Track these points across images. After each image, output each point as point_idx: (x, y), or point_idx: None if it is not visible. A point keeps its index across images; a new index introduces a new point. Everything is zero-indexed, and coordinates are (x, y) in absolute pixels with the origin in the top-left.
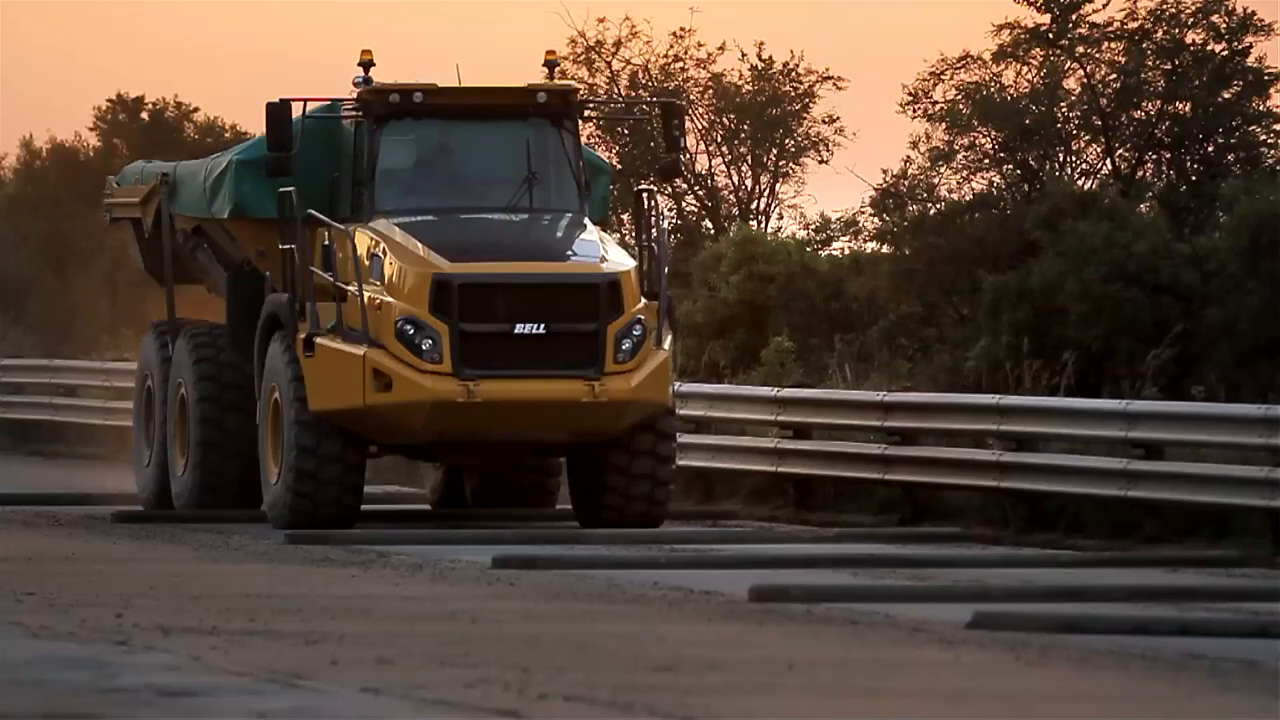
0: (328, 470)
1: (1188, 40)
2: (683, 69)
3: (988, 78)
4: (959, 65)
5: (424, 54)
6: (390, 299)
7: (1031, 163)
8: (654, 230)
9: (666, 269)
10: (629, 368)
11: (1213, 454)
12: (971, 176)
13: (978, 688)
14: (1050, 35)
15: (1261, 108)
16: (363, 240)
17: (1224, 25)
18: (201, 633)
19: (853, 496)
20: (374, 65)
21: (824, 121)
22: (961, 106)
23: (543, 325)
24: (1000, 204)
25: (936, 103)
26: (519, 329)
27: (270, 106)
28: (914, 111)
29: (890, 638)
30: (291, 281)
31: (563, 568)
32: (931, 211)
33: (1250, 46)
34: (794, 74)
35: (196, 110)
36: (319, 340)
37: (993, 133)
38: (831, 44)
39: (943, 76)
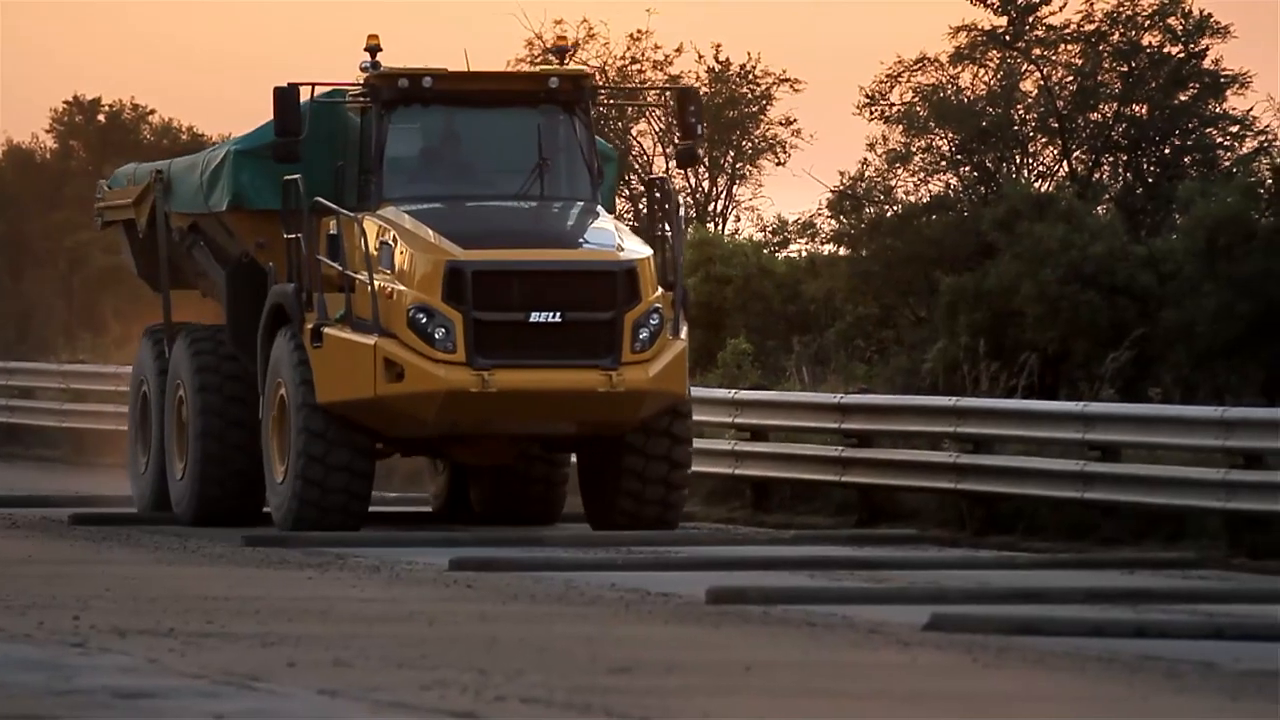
0: (336, 472)
1: (1144, 42)
2: (640, 71)
3: (945, 80)
4: (916, 67)
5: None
6: (402, 287)
7: (988, 165)
8: (669, 218)
9: (682, 258)
10: (646, 357)
11: (1169, 456)
12: (928, 178)
13: (934, 689)
14: (1007, 37)
15: (1218, 110)
16: (372, 228)
17: (1180, 28)
18: (158, 635)
19: (810, 498)
20: (381, 50)
21: (781, 123)
22: (919, 109)
23: (559, 314)
24: (957, 206)
25: (893, 105)
26: (534, 317)
27: (278, 91)
28: (871, 114)
29: (847, 639)
30: (297, 272)
31: (520, 569)
32: (888, 213)
33: (1207, 49)
34: (751, 76)
35: (153, 112)
36: (327, 330)
37: (950, 135)
38: (789, 46)
39: (900, 79)
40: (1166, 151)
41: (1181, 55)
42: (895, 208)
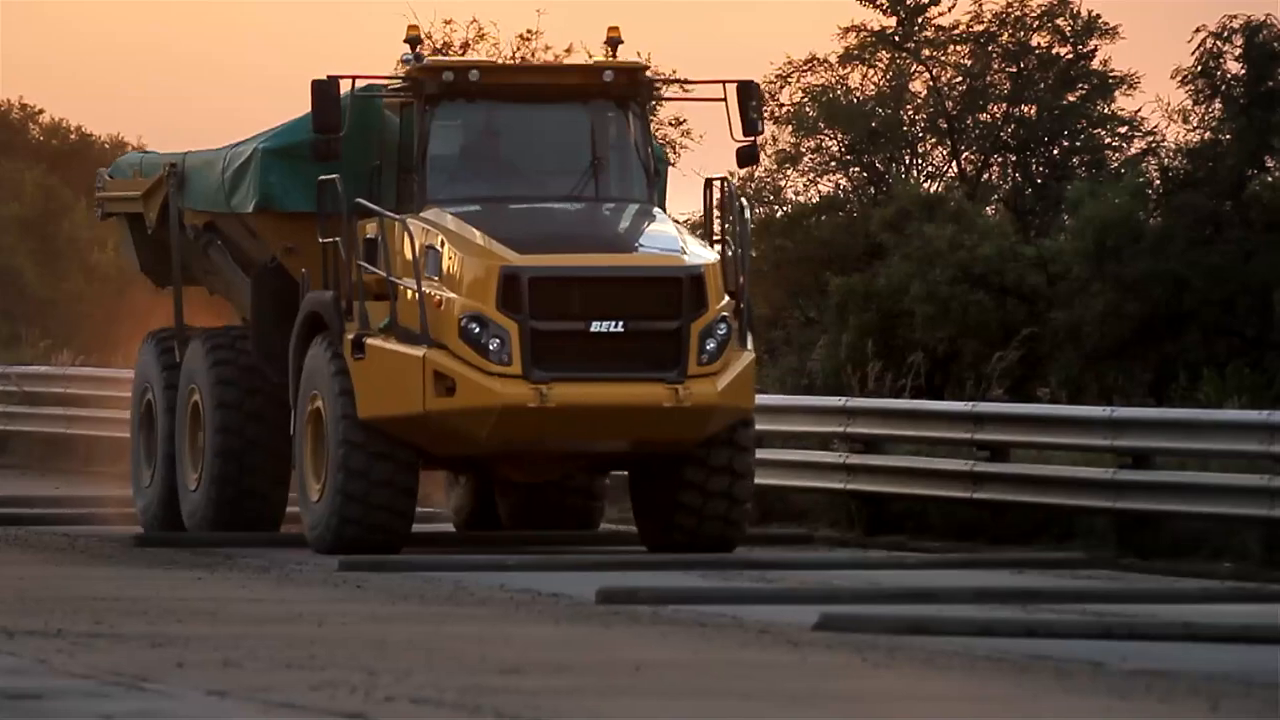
0: (379, 488)
1: (1033, 43)
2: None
3: (834, 80)
4: (805, 68)
5: (272, 54)
6: (451, 295)
7: (878, 165)
8: (731, 223)
9: (749, 264)
10: (713, 370)
11: (1058, 456)
12: (818, 179)
13: (824, 689)
14: (896, 38)
15: (1106, 110)
16: (418, 231)
17: (1069, 28)
18: (47, 635)
19: None
20: (422, 42)
21: (671, 124)
22: (808, 109)
23: (621, 323)
24: (847, 206)
25: (783, 105)
26: (595, 327)
27: (317, 84)
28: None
29: (737, 639)
30: (334, 279)
31: (410, 570)
32: (778, 214)
33: (1095, 49)
34: None
35: (42, 112)
36: (370, 341)
37: (839, 135)
38: (678, 46)
39: (789, 79)
40: (1055, 152)
41: (1070, 56)
42: (785, 208)
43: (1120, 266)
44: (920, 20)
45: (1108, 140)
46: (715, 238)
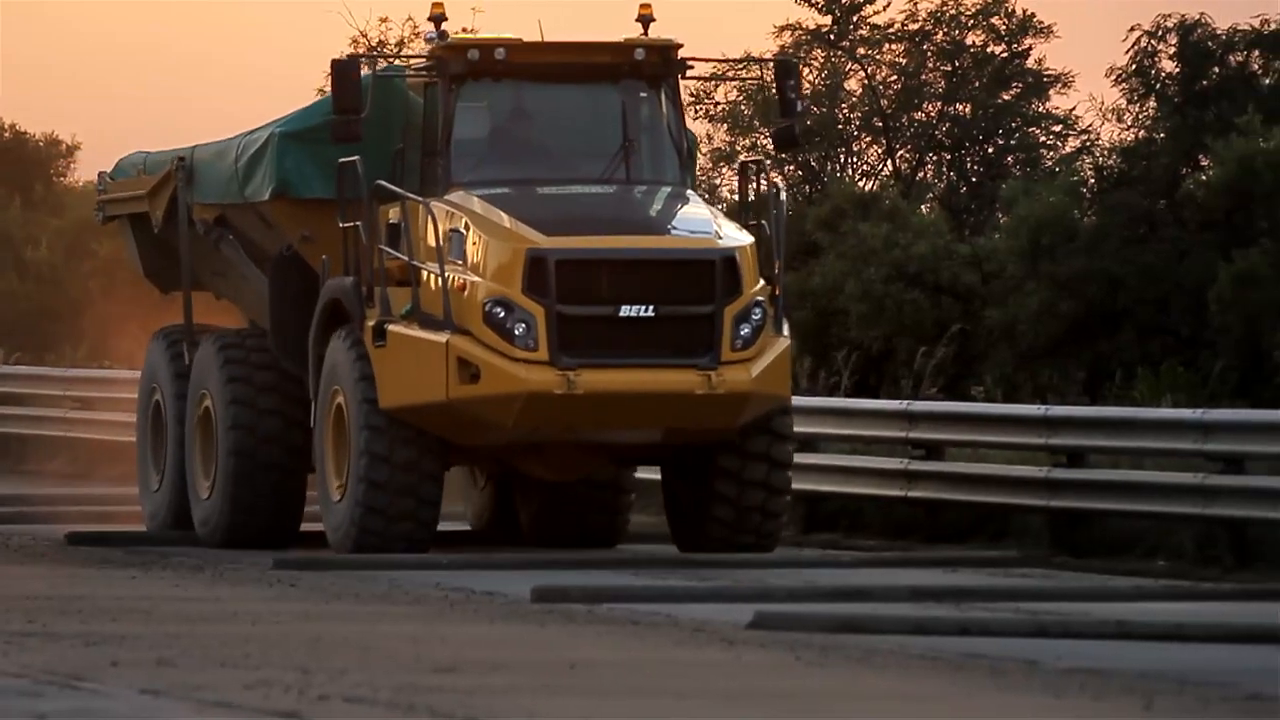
0: (403, 473)
1: (968, 42)
2: None
3: (769, 79)
4: (740, 66)
5: (192, 53)
6: (475, 279)
7: (813, 164)
8: (768, 205)
9: (784, 248)
10: (748, 356)
11: (993, 454)
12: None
13: (758, 687)
14: (831, 37)
15: (1041, 109)
16: (441, 214)
17: (1004, 27)
18: None
19: (642, 497)
20: (446, 19)
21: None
22: (744, 108)
23: (651, 307)
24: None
25: (719, 104)
26: (625, 311)
27: (336, 64)
28: (696, 112)
29: (671, 638)
30: (355, 264)
31: (344, 569)
32: None
33: (1030, 48)
34: None
35: None
36: (391, 328)
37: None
38: None
39: (725, 77)
40: (990, 151)
41: (1005, 55)
42: (720, 207)
43: (1055, 265)
44: (855, 19)
45: (1042, 139)
46: (753, 221)
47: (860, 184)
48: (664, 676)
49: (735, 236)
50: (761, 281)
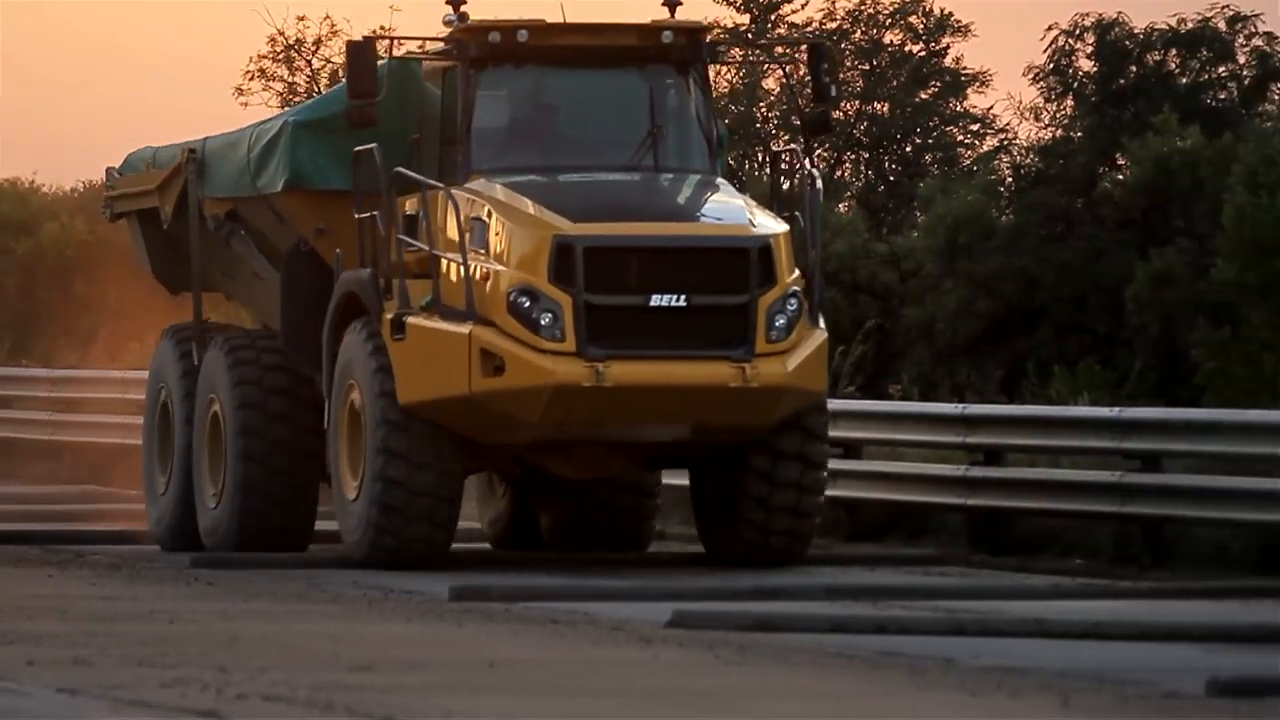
0: (423, 471)
1: (886, 41)
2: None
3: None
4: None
5: (100, 49)
6: (499, 268)
7: (731, 163)
8: (803, 193)
9: (819, 237)
10: (783, 348)
11: (910, 453)
12: None
13: (676, 686)
14: (749, 35)
15: (959, 108)
16: (463, 202)
17: (922, 26)
18: None
19: None
20: (465, 1)
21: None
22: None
23: (683, 297)
24: None
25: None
26: (655, 301)
27: (352, 45)
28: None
29: (590, 637)
30: (372, 256)
31: (261, 568)
32: None
33: (948, 47)
34: None
35: None
36: (411, 320)
37: None
38: None
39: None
40: (908, 149)
41: (923, 54)
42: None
43: (972, 264)
44: (773, 17)
45: (960, 138)
46: (787, 211)
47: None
48: (582, 675)
49: (769, 225)
50: (796, 272)
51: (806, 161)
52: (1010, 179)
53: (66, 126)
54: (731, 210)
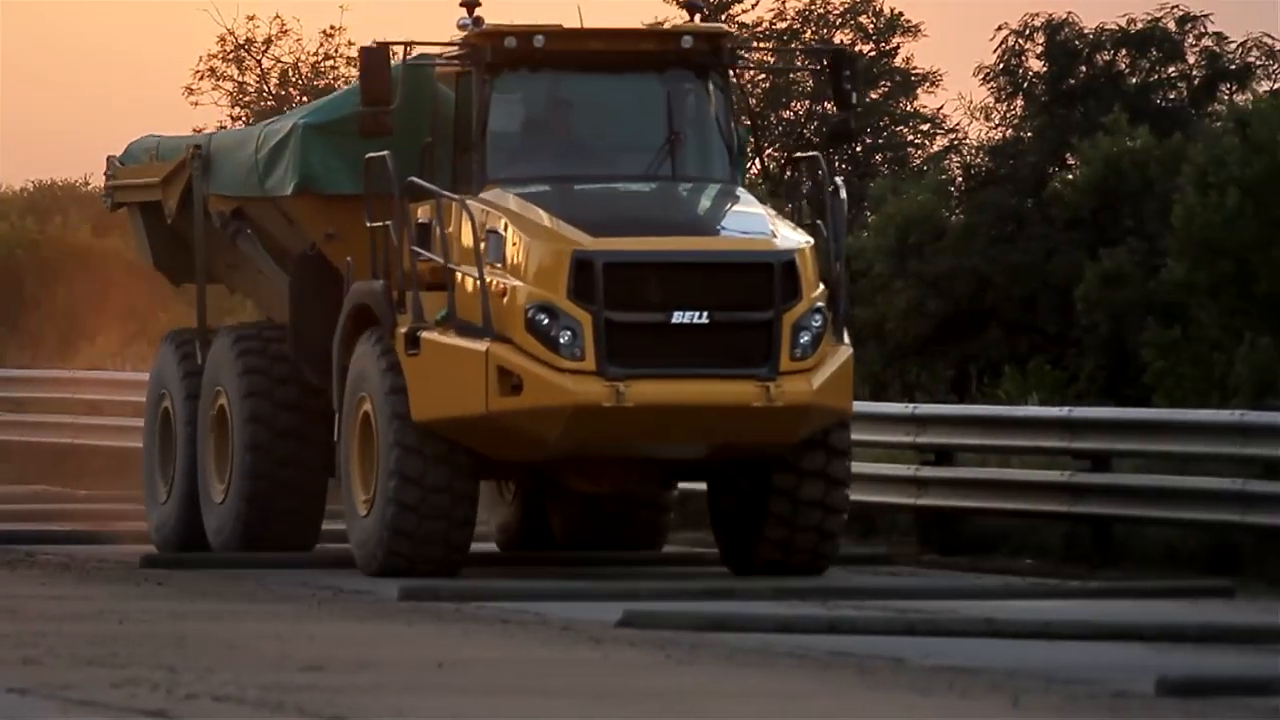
0: (435, 494)
1: (836, 40)
2: (333, 67)
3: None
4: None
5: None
6: (516, 283)
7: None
8: (827, 203)
9: (844, 250)
10: (808, 366)
11: (861, 452)
12: None
13: (627, 686)
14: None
15: (909, 108)
16: (478, 213)
17: (872, 26)
18: None
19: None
20: (480, 4)
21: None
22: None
23: (706, 314)
24: None
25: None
26: (677, 318)
27: (366, 51)
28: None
29: (540, 636)
30: (385, 266)
31: (211, 567)
32: None
33: (898, 47)
34: None
35: None
36: (425, 335)
37: None
38: None
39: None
40: (858, 149)
41: (873, 54)
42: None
43: (922, 263)
44: (724, 17)
45: (910, 137)
46: (808, 221)
47: None
48: (532, 675)
49: (792, 238)
50: (821, 286)
51: (827, 167)
52: (960, 179)
53: (15, 125)
54: (753, 223)
